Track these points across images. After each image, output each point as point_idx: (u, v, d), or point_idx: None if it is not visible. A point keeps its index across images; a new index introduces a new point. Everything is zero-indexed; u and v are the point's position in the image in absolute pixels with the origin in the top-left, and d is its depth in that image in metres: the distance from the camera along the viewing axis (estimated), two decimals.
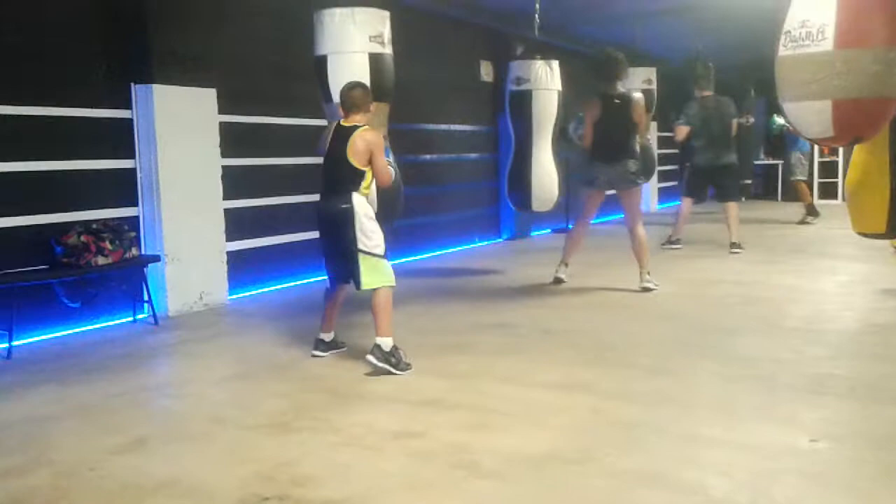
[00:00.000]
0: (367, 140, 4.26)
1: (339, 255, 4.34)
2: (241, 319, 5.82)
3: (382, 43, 5.05)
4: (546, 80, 7.24)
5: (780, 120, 9.06)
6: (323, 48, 5.06)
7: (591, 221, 6.92)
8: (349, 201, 4.23)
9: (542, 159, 7.34)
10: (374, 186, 4.44)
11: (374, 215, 4.34)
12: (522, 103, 7.35)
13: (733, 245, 8.36)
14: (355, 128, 4.30)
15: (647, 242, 6.58)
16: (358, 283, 4.29)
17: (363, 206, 4.28)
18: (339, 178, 4.30)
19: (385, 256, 4.33)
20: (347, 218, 4.22)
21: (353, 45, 4.99)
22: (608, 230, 8.59)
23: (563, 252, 6.88)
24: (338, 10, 4.99)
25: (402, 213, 5.46)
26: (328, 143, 4.38)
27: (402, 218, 5.69)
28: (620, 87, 6.44)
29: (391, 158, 4.78)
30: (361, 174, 4.27)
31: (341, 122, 4.38)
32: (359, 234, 4.23)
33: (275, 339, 5.08)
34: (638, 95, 6.57)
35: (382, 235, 4.34)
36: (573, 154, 10.54)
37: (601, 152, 6.40)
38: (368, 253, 4.24)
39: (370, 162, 4.29)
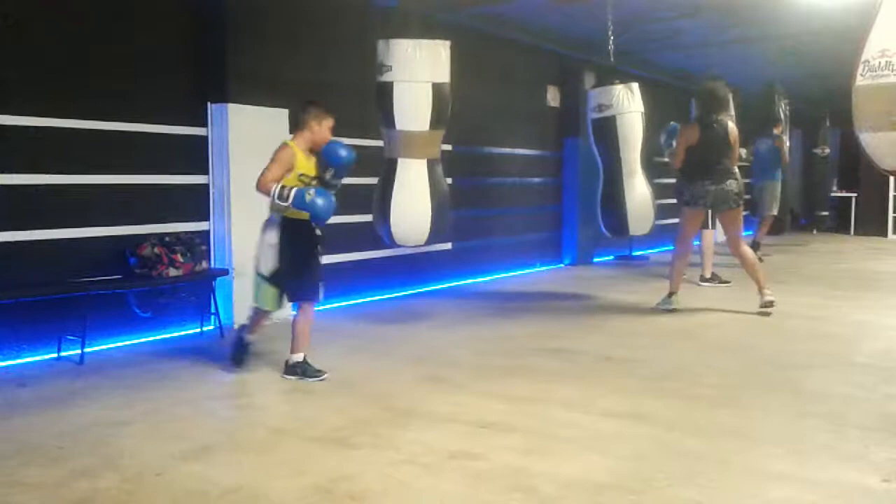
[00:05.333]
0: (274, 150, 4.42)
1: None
2: None
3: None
4: (628, 103, 7.20)
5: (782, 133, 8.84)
6: None
7: (693, 243, 6.91)
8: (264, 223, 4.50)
9: (634, 182, 7.24)
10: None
11: (274, 240, 4.42)
12: (607, 129, 7.25)
13: (703, 278, 8.16)
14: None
15: (756, 261, 6.67)
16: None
17: (269, 226, 4.45)
18: None
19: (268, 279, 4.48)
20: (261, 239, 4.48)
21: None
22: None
23: (670, 281, 6.83)
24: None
25: (448, 226, 5.83)
26: None
27: (464, 240, 5.74)
28: (717, 116, 6.57)
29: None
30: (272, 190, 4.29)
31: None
32: (259, 255, 4.48)
33: (336, 355, 5.13)
34: (732, 125, 6.68)
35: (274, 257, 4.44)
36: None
37: (705, 172, 6.46)
38: (256, 272, 4.51)
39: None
